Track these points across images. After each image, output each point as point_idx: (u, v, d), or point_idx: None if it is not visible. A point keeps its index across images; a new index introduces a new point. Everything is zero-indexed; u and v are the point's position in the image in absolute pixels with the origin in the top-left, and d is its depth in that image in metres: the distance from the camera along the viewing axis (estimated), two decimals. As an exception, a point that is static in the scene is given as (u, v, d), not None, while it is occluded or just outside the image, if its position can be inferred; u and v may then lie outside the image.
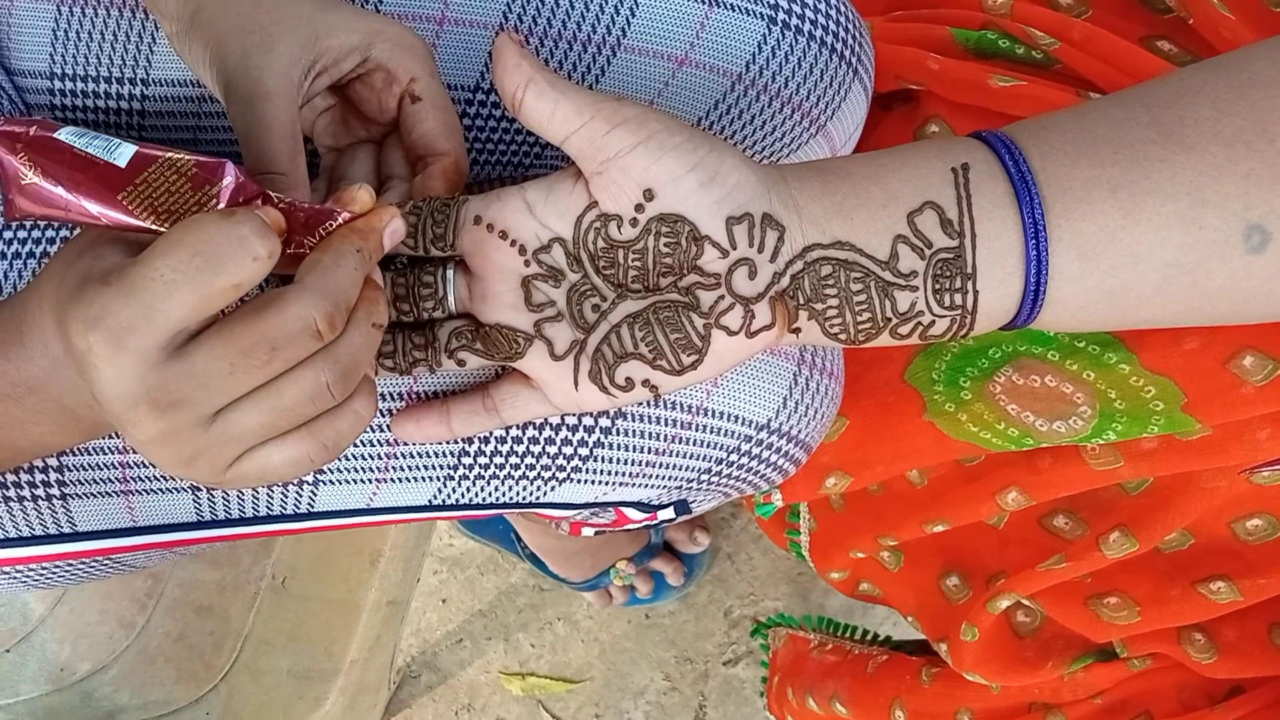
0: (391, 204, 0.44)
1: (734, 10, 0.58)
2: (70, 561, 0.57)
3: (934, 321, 0.43)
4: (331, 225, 0.42)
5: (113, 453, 0.54)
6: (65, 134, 0.38)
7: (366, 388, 0.43)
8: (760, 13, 0.59)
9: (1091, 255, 0.41)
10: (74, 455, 0.53)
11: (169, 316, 0.36)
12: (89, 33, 0.58)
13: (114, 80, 0.58)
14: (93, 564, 0.58)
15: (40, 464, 0.53)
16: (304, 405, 0.39)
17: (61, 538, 0.55)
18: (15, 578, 0.57)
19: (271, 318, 0.37)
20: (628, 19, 0.58)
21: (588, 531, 0.68)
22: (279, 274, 0.40)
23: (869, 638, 0.94)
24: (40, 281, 0.41)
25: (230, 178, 0.40)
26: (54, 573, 0.58)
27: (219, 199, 0.40)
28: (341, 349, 0.40)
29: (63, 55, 0.58)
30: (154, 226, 0.39)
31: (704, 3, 0.58)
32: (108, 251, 0.39)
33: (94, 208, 0.38)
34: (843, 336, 0.44)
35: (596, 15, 0.58)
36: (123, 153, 0.39)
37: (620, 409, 0.55)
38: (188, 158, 0.39)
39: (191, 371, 0.37)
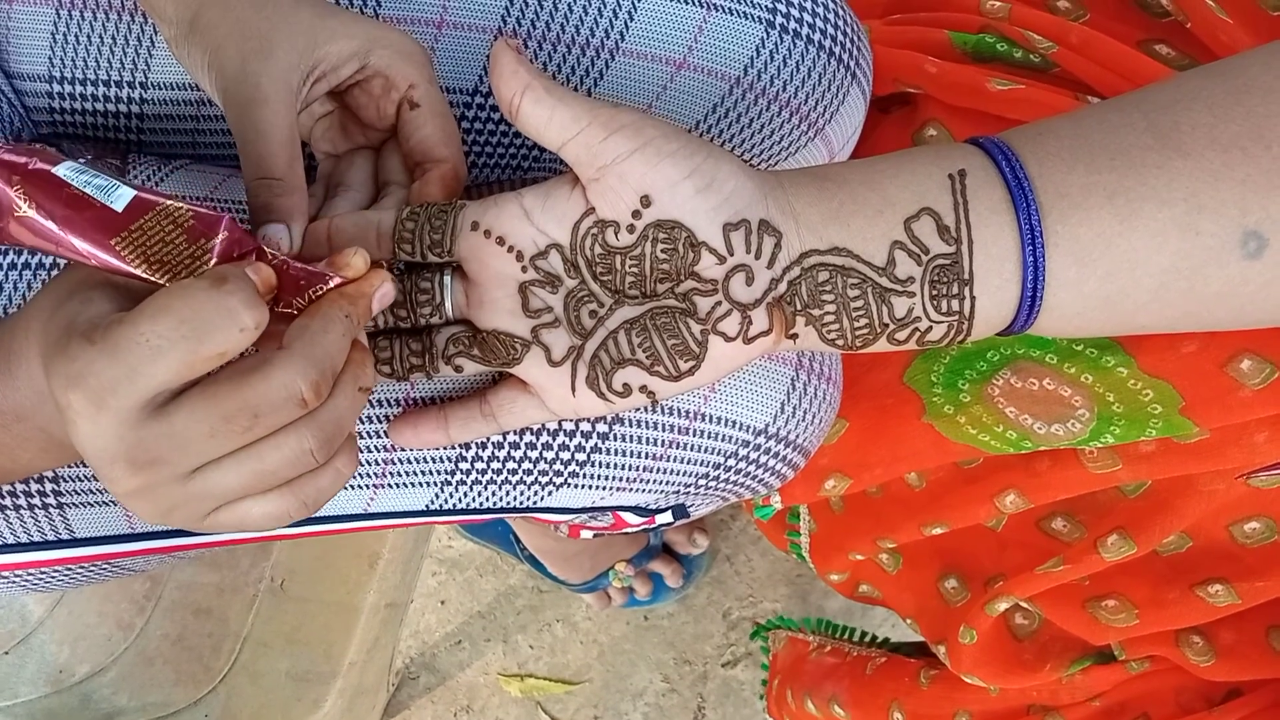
0: (382, 267, 0.43)
1: (732, 14, 0.58)
2: (69, 566, 0.57)
3: (931, 327, 0.43)
4: (322, 289, 0.41)
5: None
6: (64, 170, 0.38)
7: (348, 445, 0.42)
8: (758, 16, 0.59)
9: (1088, 261, 0.41)
10: (71, 468, 0.54)
11: (151, 380, 0.36)
12: (88, 36, 0.58)
13: (113, 84, 0.58)
14: (91, 568, 0.58)
15: (36, 476, 0.53)
16: (285, 469, 0.39)
17: (60, 544, 0.55)
18: (14, 582, 0.57)
19: (256, 384, 0.37)
20: (626, 23, 0.58)
21: (586, 534, 0.68)
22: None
23: (868, 640, 0.94)
24: (28, 314, 0.41)
25: (226, 232, 0.39)
26: (53, 577, 0.58)
27: (213, 253, 0.39)
28: (326, 415, 0.39)
29: (61, 59, 0.58)
30: (145, 275, 0.39)
31: (702, 6, 0.58)
32: (96, 298, 0.39)
33: (85, 247, 0.38)
34: (840, 342, 0.44)
35: (595, 19, 0.58)
36: (120, 196, 0.38)
37: (618, 414, 0.55)
38: (185, 208, 0.39)
39: (170, 432, 0.37)
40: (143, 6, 0.52)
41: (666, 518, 0.62)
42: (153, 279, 0.39)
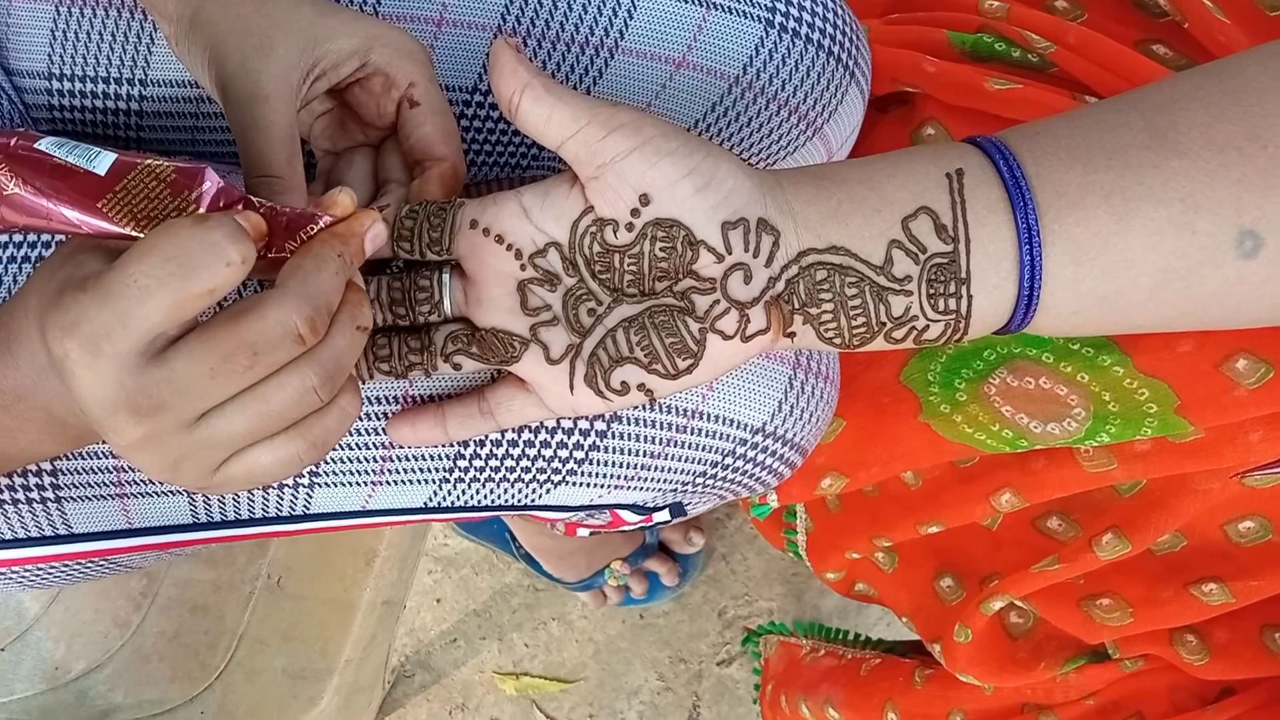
0: (373, 208, 0.44)
1: (731, 13, 0.59)
2: (65, 562, 0.57)
3: (928, 326, 0.44)
4: (312, 229, 0.42)
5: (108, 457, 0.54)
6: (46, 144, 0.38)
7: (351, 384, 0.43)
8: (757, 15, 0.59)
9: (1085, 260, 0.41)
10: (68, 459, 0.54)
11: (144, 322, 0.36)
12: (87, 33, 0.58)
13: (112, 80, 0.59)
14: (88, 564, 0.58)
15: (34, 468, 0.53)
16: (291, 409, 0.39)
17: (57, 539, 0.55)
18: (10, 578, 0.57)
19: (252, 322, 0.37)
20: (625, 21, 0.58)
21: (583, 532, 0.68)
22: (264, 280, 0.40)
23: (861, 641, 0.94)
24: (26, 290, 0.41)
25: (210, 183, 0.40)
26: (49, 573, 0.58)
27: (199, 204, 0.39)
28: (325, 352, 0.40)
29: (61, 55, 0.58)
30: (134, 233, 0.39)
31: (701, 5, 0.58)
32: (88, 259, 0.39)
33: (74, 215, 0.38)
34: (838, 341, 0.44)
35: (594, 17, 0.58)
36: (102, 161, 0.38)
37: (616, 412, 0.55)
38: (167, 164, 0.39)
39: (171, 376, 0.37)
40: (142, 4, 0.52)
41: (664, 516, 0.62)
42: (143, 236, 0.39)
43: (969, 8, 0.72)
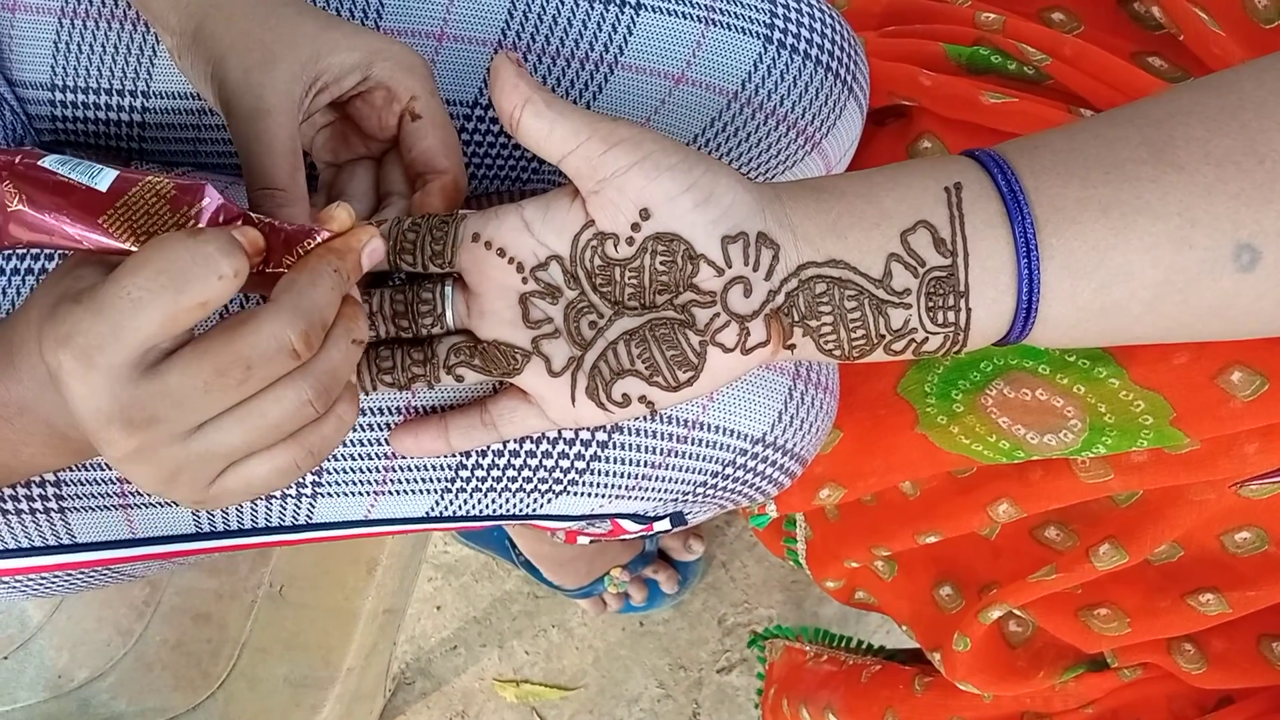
0: (370, 223, 0.44)
1: (730, 29, 0.59)
2: (69, 571, 0.57)
3: (927, 338, 0.44)
4: (310, 244, 0.42)
5: (110, 468, 0.54)
6: (49, 161, 0.39)
7: (349, 392, 0.43)
8: (756, 32, 0.59)
9: (1083, 274, 0.42)
10: (72, 471, 0.54)
11: (137, 334, 0.36)
12: (90, 45, 0.58)
13: (115, 92, 0.59)
14: (91, 574, 0.58)
15: (38, 479, 0.53)
16: (286, 421, 0.40)
17: (60, 549, 0.55)
18: (14, 587, 0.57)
19: (246, 336, 0.37)
20: (625, 37, 0.59)
21: (583, 540, 0.68)
22: (264, 295, 0.40)
23: (864, 648, 0.94)
24: (28, 304, 0.41)
25: (209, 199, 0.40)
26: (53, 582, 0.58)
27: (198, 220, 0.40)
28: (320, 365, 0.40)
29: (64, 67, 0.58)
30: (133, 248, 0.39)
31: (700, 21, 0.59)
32: (86, 273, 0.39)
33: (76, 231, 0.38)
34: (837, 353, 0.45)
35: (594, 33, 0.59)
36: (104, 177, 0.39)
37: (617, 423, 0.55)
38: (167, 180, 0.40)
39: (164, 389, 0.37)
40: (145, 17, 0.53)
41: (664, 525, 0.62)
42: None
43: (965, 21, 0.73)
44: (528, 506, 0.57)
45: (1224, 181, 0.40)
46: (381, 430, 0.54)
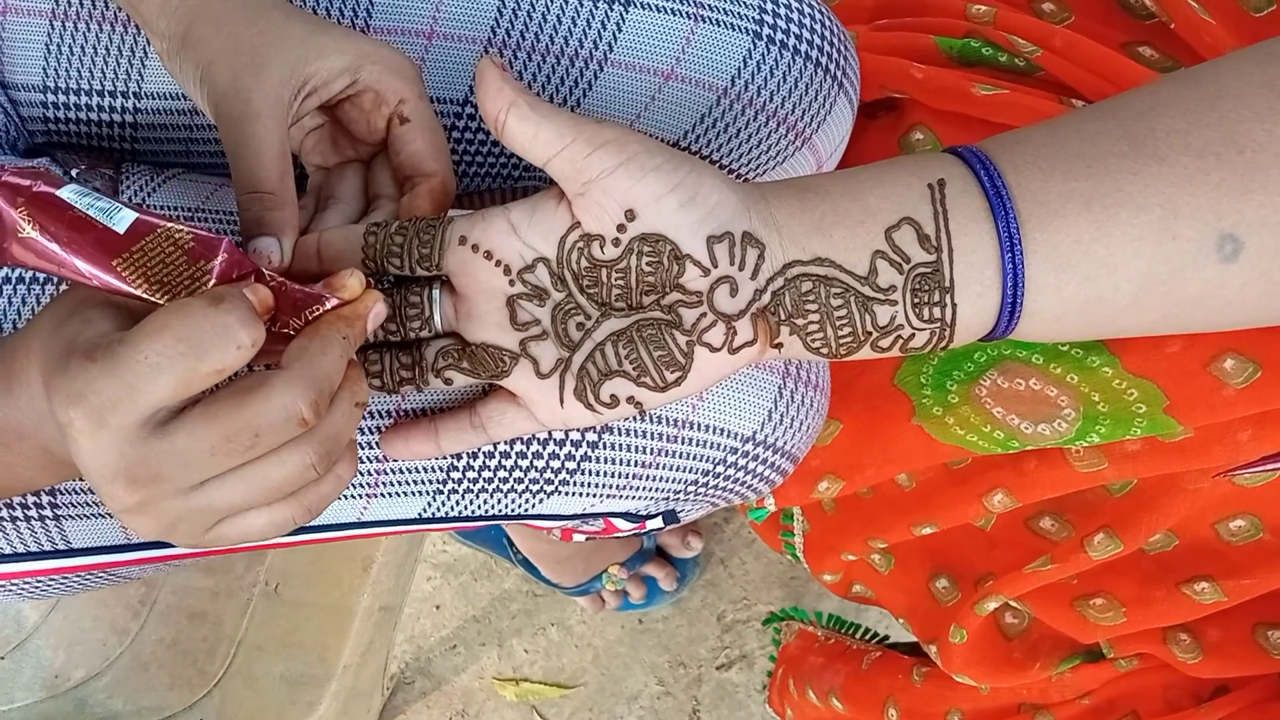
0: (375, 290, 0.44)
1: (720, 25, 0.59)
2: (65, 575, 0.57)
3: (914, 335, 0.44)
4: (319, 310, 0.42)
5: None
6: (67, 192, 0.38)
7: (348, 451, 0.43)
8: (745, 28, 0.59)
9: (1067, 267, 0.42)
10: (68, 483, 0.54)
11: (151, 397, 0.36)
12: (81, 47, 0.58)
13: (106, 94, 0.59)
14: (87, 576, 0.59)
15: (34, 491, 0.53)
16: (288, 483, 0.40)
17: (56, 554, 0.55)
18: (10, 590, 0.58)
19: (257, 404, 0.37)
20: (614, 34, 0.59)
21: (579, 537, 0.68)
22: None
23: (870, 636, 0.95)
24: (28, 334, 0.41)
25: (225, 255, 0.40)
26: (48, 585, 0.58)
27: (212, 274, 0.40)
28: (325, 430, 0.40)
29: (55, 69, 0.58)
30: (146, 296, 0.39)
31: (690, 18, 0.59)
32: (96, 317, 0.39)
33: (87, 268, 0.38)
34: (824, 351, 0.45)
35: (584, 30, 0.59)
36: (122, 218, 0.38)
37: (607, 424, 0.55)
38: (186, 230, 0.39)
39: (171, 450, 0.37)
40: (135, 20, 0.53)
41: (657, 523, 0.62)
42: (153, 299, 0.39)
43: (956, 13, 0.73)
44: (520, 507, 0.58)
45: (1205, 172, 0.40)
46: (372, 434, 0.54)
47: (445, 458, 0.55)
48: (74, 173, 0.56)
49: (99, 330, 0.38)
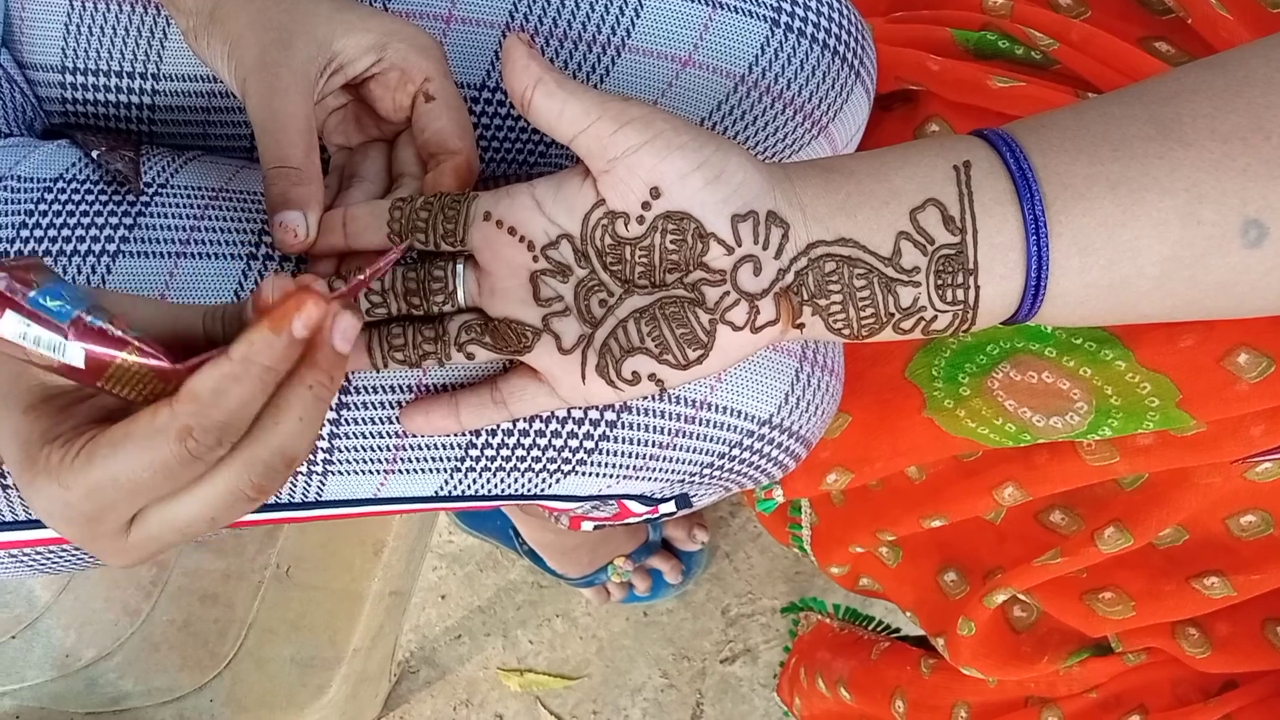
0: (314, 291, 0.37)
1: (737, 12, 0.59)
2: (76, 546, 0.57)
3: (936, 317, 0.44)
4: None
5: None
6: (10, 323, 0.35)
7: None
8: (763, 15, 0.59)
9: (1091, 250, 0.42)
10: None
11: (127, 513, 0.37)
12: (100, 27, 0.58)
13: (125, 75, 0.59)
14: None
15: None
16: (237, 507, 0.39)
17: None
18: (23, 561, 0.58)
19: (207, 495, 0.37)
20: (632, 20, 0.59)
21: (587, 526, 0.68)
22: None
23: (880, 628, 0.95)
24: None
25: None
26: (60, 558, 0.58)
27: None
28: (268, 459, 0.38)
29: (74, 49, 0.59)
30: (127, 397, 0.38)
31: (708, 5, 0.59)
32: (56, 411, 0.38)
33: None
34: (846, 332, 0.45)
35: (601, 16, 0.59)
36: (73, 354, 0.36)
37: (626, 403, 0.55)
38: (137, 364, 0.36)
39: (146, 539, 0.38)
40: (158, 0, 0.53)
41: (670, 507, 0.62)
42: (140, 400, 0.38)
43: (973, 6, 0.73)
44: (536, 486, 0.58)
45: (1231, 157, 0.40)
46: (392, 409, 0.54)
47: (464, 434, 0.55)
48: (95, 154, 0.56)
49: (46, 427, 0.38)
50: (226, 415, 0.36)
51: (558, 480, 0.57)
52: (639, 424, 0.56)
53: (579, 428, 0.55)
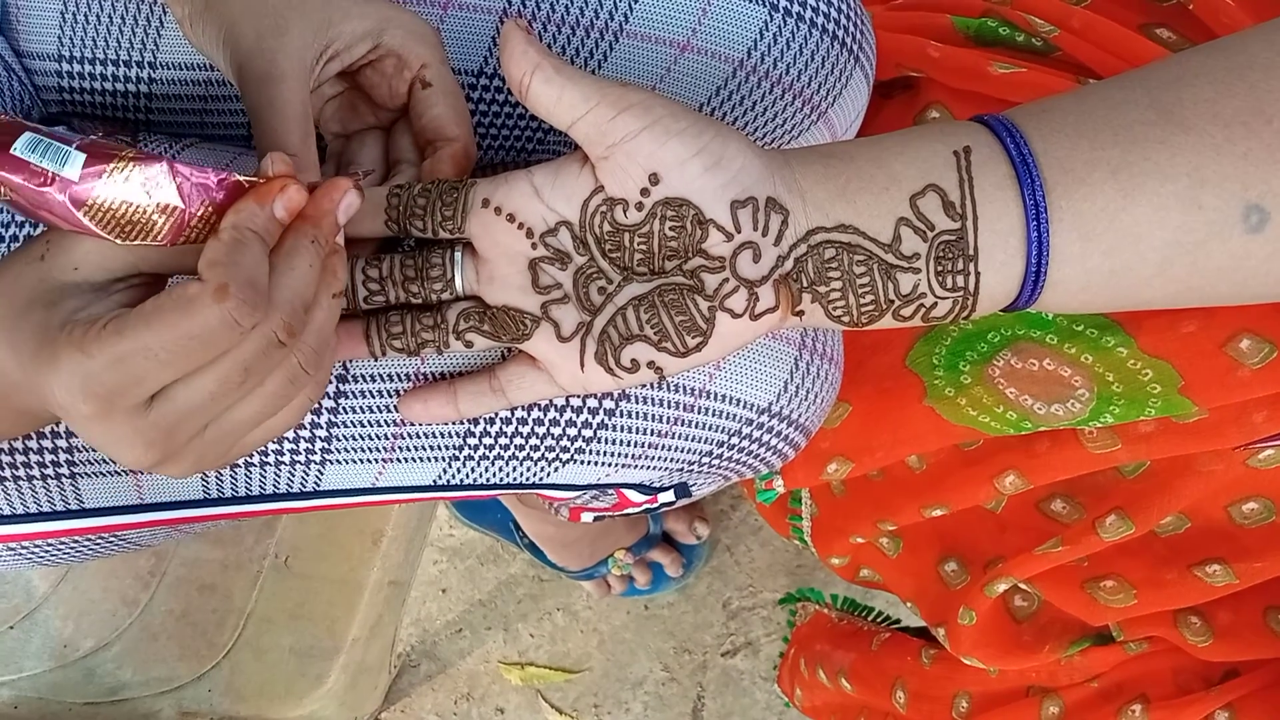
0: (343, 177, 0.43)
1: None
2: (76, 538, 0.57)
3: (936, 303, 0.44)
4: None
5: None
6: (20, 146, 0.38)
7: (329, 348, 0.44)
8: (762, 0, 0.59)
9: (1092, 236, 0.42)
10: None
11: (156, 384, 0.38)
12: (97, 15, 0.58)
13: (121, 63, 0.59)
14: (98, 541, 0.59)
15: (50, 445, 0.53)
16: (286, 388, 0.41)
17: (69, 514, 0.55)
18: (21, 554, 0.58)
19: (243, 347, 0.38)
20: (630, 5, 0.59)
21: (587, 517, 0.68)
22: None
23: (880, 619, 0.95)
24: None
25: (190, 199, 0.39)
26: (59, 550, 0.58)
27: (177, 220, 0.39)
28: (308, 336, 0.41)
29: (70, 38, 0.58)
30: (115, 239, 0.39)
31: None
32: (61, 299, 0.40)
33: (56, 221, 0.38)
34: (846, 319, 0.45)
35: (599, 1, 0.58)
36: (73, 164, 0.38)
37: (625, 391, 0.55)
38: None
39: (175, 409, 0.39)
40: None
41: (669, 496, 0.62)
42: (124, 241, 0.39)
43: (974, -8, 0.73)
44: (535, 475, 0.57)
45: (1232, 142, 0.40)
46: (390, 397, 0.54)
47: (463, 422, 0.55)
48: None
49: (69, 312, 0.39)
50: (251, 270, 0.38)
51: (556, 469, 0.57)
52: (638, 412, 0.55)
53: (578, 416, 0.55)
